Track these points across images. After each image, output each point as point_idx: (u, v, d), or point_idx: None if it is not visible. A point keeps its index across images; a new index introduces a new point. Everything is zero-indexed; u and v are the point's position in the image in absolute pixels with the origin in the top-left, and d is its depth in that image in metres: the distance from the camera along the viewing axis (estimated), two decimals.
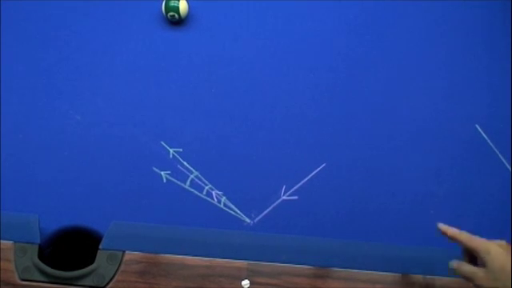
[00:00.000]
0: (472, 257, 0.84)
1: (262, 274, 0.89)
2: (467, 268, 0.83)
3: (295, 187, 1.06)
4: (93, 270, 0.87)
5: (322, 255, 0.92)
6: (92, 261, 0.88)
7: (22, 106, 1.12)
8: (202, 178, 1.05)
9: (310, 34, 1.25)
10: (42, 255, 0.88)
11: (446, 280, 0.91)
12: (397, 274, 0.91)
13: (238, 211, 1.02)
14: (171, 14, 1.20)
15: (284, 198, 1.05)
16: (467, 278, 0.82)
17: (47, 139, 1.08)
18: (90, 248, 0.90)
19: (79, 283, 0.87)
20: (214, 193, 1.04)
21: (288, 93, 1.17)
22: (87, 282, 0.87)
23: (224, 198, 1.04)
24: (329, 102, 1.17)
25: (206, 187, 1.05)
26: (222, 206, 1.03)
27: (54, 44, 1.19)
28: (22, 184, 1.03)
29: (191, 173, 1.06)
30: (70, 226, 0.94)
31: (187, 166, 1.07)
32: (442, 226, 0.85)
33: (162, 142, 1.09)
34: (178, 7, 1.19)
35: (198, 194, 1.04)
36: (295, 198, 1.05)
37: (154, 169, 1.06)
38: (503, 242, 0.83)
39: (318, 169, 1.07)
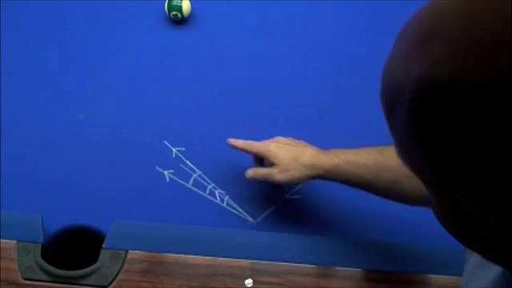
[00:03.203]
0: (262, 160, 0.94)
1: (265, 273, 0.89)
2: (261, 171, 0.94)
3: (298, 186, 1.05)
4: (96, 269, 0.87)
5: (325, 254, 0.92)
6: (95, 260, 0.88)
7: (24, 105, 1.12)
8: (205, 177, 1.05)
9: (313, 33, 1.25)
10: (44, 254, 0.88)
11: (448, 279, 0.90)
12: (400, 273, 0.91)
13: (241, 210, 1.02)
14: (174, 13, 1.20)
15: (287, 196, 1.04)
16: (265, 180, 0.93)
17: (50, 138, 1.08)
18: (93, 247, 0.90)
19: (82, 282, 0.87)
20: (217, 192, 1.04)
21: (291, 92, 1.17)
22: (90, 281, 0.87)
23: (227, 197, 1.04)
24: (332, 100, 1.16)
25: (209, 186, 1.05)
26: (224, 205, 1.03)
27: (55, 43, 1.19)
28: (24, 183, 1.03)
29: (194, 172, 1.06)
30: (72, 225, 0.94)
31: (190, 165, 1.06)
32: (230, 141, 0.97)
33: (165, 141, 1.09)
34: (180, 6, 1.19)
35: (201, 193, 1.04)
36: (298, 196, 1.05)
37: (157, 168, 1.06)
38: (279, 138, 0.95)
39: None
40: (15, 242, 0.89)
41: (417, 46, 0.30)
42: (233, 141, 0.97)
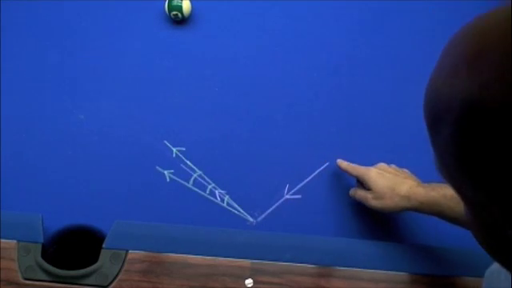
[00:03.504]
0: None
1: (265, 272, 0.89)
2: (359, 192, 0.96)
3: (298, 186, 1.06)
4: (96, 269, 0.87)
5: (325, 254, 0.92)
6: (95, 260, 0.88)
7: (25, 104, 1.12)
8: (205, 177, 1.05)
9: (314, 33, 1.25)
10: (45, 254, 0.88)
11: (449, 279, 0.90)
12: (400, 273, 0.91)
13: (241, 210, 1.02)
14: (174, 13, 1.20)
15: (287, 196, 1.04)
16: (361, 201, 0.95)
17: (50, 138, 1.08)
18: (93, 247, 0.90)
19: (82, 282, 0.87)
20: (217, 192, 1.04)
21: (291, 92, 1.17)
22: (90, 281, 0.87)
23: (227, 197, 1.04)
24: (332, 100, 1.16)
25: (209, 186, 1.05)
26: (225, 205, 1.03)
27: (56, 43, 1.19)
28: (25, 183, 1.03)
29: (194, 172, 1.06)
30: (73, 225, 0.94)
31: (190, 165, 1.06)
32: (339, 161, 1.01)
33: (165, 141, 1.09)
34: (181, 6, 1.19)
35: (202, 193, 1.04)
36: (298, 196, 1.05)
37: (157, 168, 1.06)
38: (382, 164, 0.97)
39: (322, 167, 1.07)
40: (15, 241, 0.89)
41: (466, 64, 0.29)
42: (340, 161, 1.01)
